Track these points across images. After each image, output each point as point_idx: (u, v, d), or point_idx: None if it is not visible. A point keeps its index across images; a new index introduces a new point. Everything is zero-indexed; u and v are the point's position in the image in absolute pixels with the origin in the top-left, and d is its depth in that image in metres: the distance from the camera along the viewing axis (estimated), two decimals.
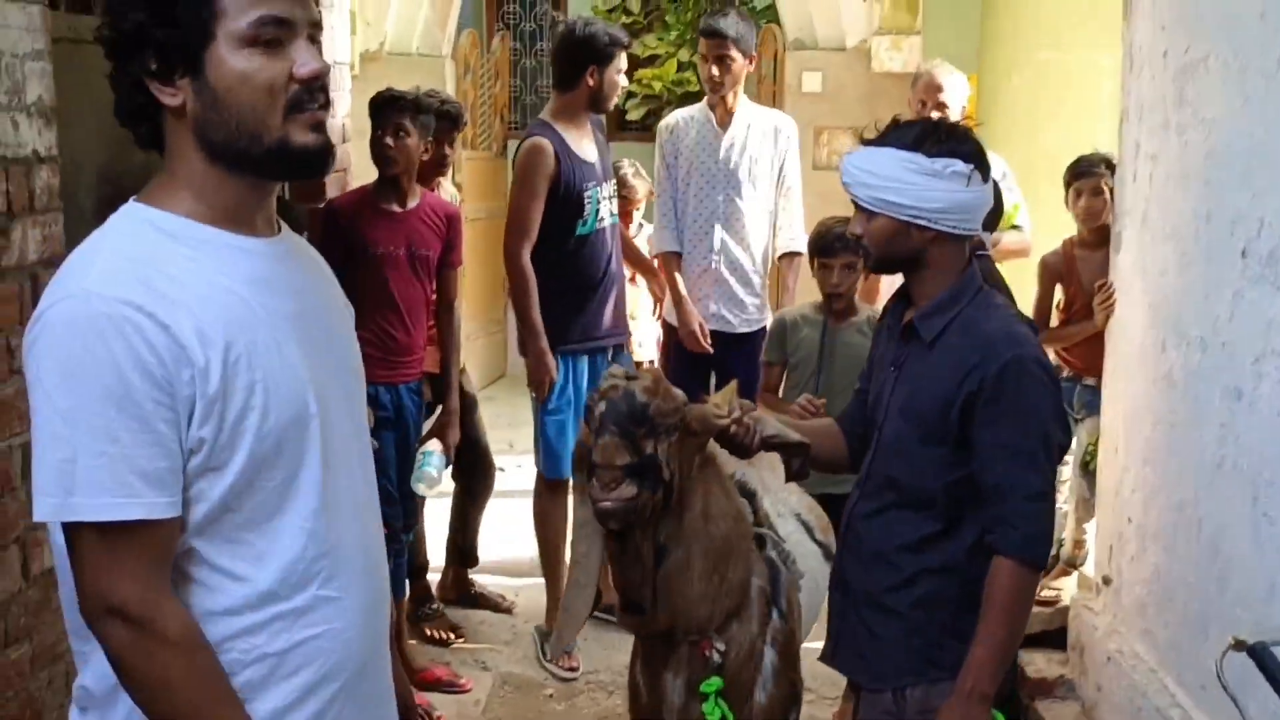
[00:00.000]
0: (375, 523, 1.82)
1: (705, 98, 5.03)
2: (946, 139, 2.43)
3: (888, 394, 2.58)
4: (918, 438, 2.48)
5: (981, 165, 2.45)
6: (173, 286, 1.54)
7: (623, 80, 4.59)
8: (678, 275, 4.95)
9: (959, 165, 2.40)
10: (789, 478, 2.74)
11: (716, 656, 2.74)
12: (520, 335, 4.61)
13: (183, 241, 1.59)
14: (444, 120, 4.50)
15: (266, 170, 1.63)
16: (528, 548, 5.26)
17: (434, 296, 4.30)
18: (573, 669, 4.54)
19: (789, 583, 2.90)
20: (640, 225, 5.68)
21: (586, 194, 4.51)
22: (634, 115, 11.75)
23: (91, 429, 1.48)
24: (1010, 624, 2.39)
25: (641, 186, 5.54)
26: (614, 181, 4.73)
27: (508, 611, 4.92)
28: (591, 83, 4.50)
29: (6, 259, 2.50)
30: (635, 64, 11.88)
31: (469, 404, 4.90)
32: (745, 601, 2.80)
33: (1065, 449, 2.50)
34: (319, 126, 1.61)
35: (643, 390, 2.61)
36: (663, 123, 5.10)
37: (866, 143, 2.53)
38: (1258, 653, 1.79)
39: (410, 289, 4.16)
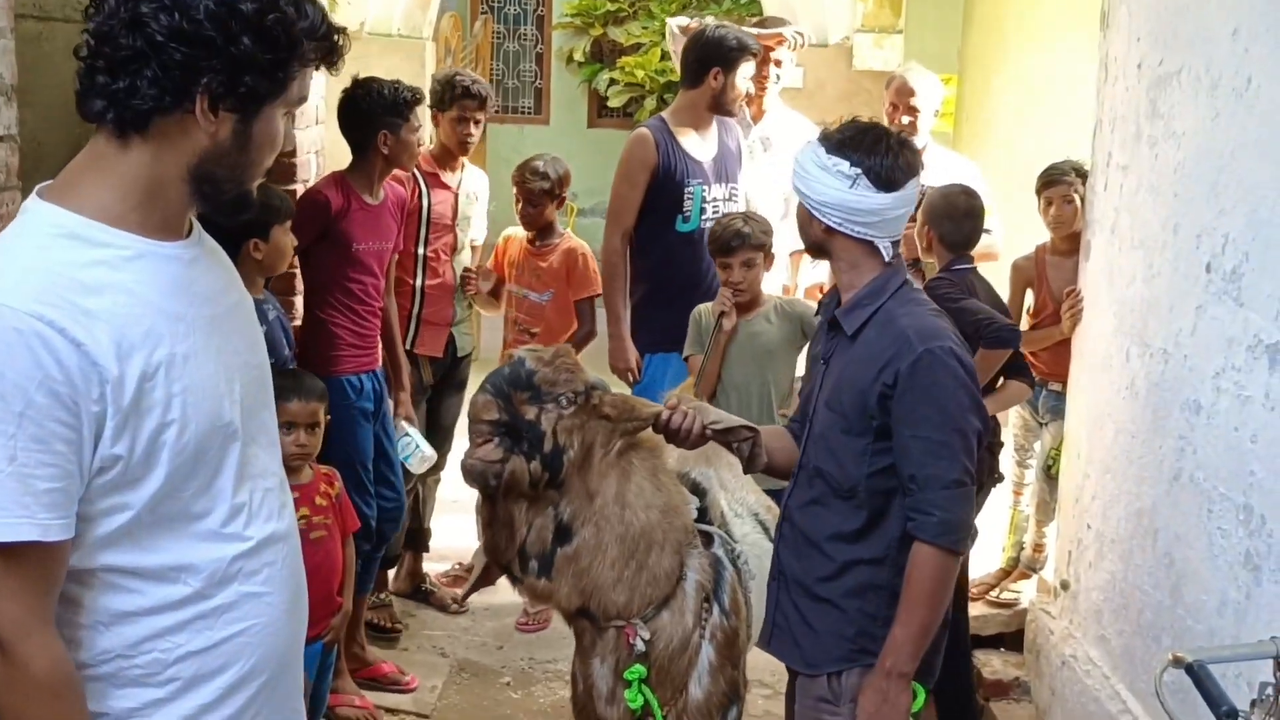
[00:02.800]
0: (291, 519, 1.82)
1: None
2: (850, 142, 2.54)
3: (817, 387, 2.68)
4: (840, 429, 2.58)
5: (876, 177, 2.51)
6: (89, 297, 1.53)
7: (748, 86, 4.57)
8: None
9: (845, 166, 2.51)
10: (746, 467, 2.75)
11: (641, 644, 2.74)
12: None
13: (99, 248, 1.57)
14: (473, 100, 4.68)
15: (222, 207, 1.69)
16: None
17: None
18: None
19: (733, 581, 2.89)
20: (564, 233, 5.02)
21: (688, 190, 4.47)
22: (615, 103, 11.72)
23: None
24: (930, 607, 2.48)
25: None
26: (734, 184, 4.64)
27: (460, 613, 4.90)
28: (715, 85, 4.47)
29: None
30: (619, 51, 11.88)
31: (458, 385, 4.93)
32: (677, 593, 2.79)
33: (984, 435, 2.59)
34: None
35: (534, 359, 2.67)
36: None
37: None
38: (1194, 670, 1.81)
39: (378, 281, 4.24)
